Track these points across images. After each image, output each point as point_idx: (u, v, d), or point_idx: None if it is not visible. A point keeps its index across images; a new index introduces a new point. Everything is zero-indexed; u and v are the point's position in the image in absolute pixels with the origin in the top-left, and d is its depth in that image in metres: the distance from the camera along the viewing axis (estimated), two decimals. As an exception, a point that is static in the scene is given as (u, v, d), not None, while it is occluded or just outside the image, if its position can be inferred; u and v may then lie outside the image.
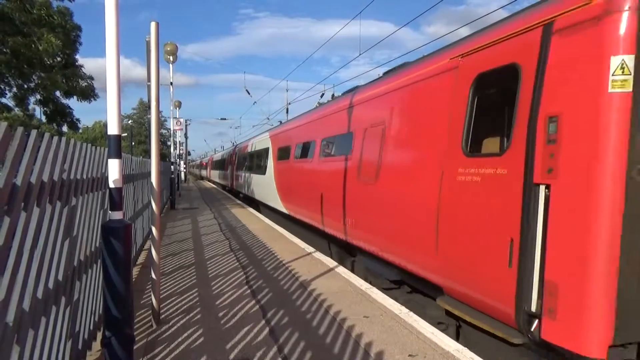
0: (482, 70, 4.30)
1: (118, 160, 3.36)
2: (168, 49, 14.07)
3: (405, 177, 5.65)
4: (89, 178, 3.70)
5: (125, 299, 3.22)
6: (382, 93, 6.68)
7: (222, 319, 4.80)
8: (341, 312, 5.03)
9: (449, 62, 4.85)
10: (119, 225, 3.24)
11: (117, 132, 3.34)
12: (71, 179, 3.15)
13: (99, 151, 4.14)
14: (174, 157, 26.10)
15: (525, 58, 3.76)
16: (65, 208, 3.02)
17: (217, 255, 8.18)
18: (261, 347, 4.07)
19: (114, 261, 3.14)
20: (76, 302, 3.29)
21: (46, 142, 2.62)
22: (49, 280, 2.66)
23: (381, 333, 4.43)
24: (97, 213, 4.09)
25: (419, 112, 5.56)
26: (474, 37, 4.76)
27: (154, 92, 4.70)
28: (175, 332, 4.43)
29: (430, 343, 4.18)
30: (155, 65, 4.70)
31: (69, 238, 3.12)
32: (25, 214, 2.28)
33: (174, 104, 19.58)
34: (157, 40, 4.65)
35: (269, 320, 4.78)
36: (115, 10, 3.24)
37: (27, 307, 2.31)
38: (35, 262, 2.43)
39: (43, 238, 2.56)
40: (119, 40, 3.25)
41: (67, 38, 19.00)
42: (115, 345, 3.14)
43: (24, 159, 2.26)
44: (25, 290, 2.29)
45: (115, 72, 3.25)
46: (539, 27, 3.68)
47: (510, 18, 4.35)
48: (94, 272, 3.95)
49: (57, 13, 18.44)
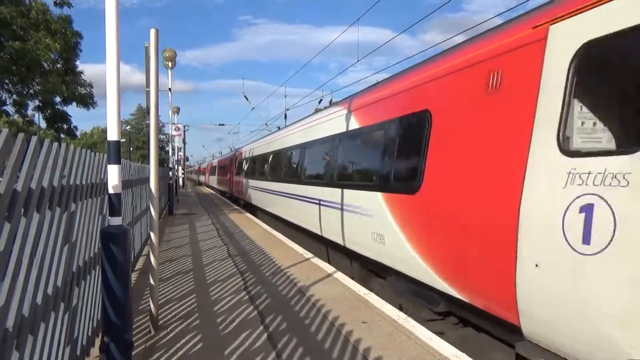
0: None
1: (117, 166, 3.37)
2: (167, 55, 14.04)
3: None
4: (88, 184, 3.71)
5: (124, 304, 3.23)
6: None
7: (220, 324, 4.80)
8: (339, 317, 5.03)
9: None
10: (118, 231, 3.25)
11: (117, 138, 3.35)
12: (70, 184, 3.16)
13: (98, 157, 4.15)
14: (172, 163, 26.10)
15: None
16: (65, 214, 3.03)
17: (215, 261, 8.17)
18: (259, 352, 4.07)
19: (112, 266, 3.14)
20: (75, 307, 3.29)
21: (46, 148, 2.63)
22: (48, 286, 2.66)
23: (379, 339, 4.43)
24: (96, 219, 4.10)
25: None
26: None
27: (152, 98, 4.72)
28: (174, 338, 4.43)
29: (428, 348, 4.19)
30: (154, 71, 4.72)
31: (68, 244, 3.12)
32: (25, 219, 2.29)
33: (173, 109, 19.59)
34: (157, 46, 4.68)
35: (268, 325, 4.77)
36: (115, 16, 3.27)
37: (27, 313, 2.31)
38: (34, 267, 2.43)
39: (42, 244, 2.57)
40: (119, 46, 3.27)
41: (66, 44, 19.07)
42: (114, 351, 3.14)
43: (25, 165, 2.27)
44: (25, 296, 2.30)
45: (115, 79, 3.27)
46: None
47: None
48: (93, 278, 3.95)
49: (58, 19, 18.53)
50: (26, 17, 17.01)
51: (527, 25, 3.79)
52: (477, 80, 4.31)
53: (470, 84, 4.44)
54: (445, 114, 4.91)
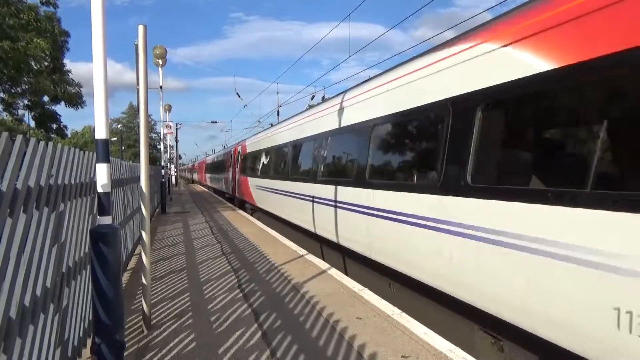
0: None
1: (106, 165, 3.33)
2: (157, 52, 13.97)
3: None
4: (77, 183, 3.66)
5: (115, 304, 3.19)
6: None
7: (214, 323, 4.77)
8: (334, 314, 5.02)
9: None
10: (108, 231, 3.21)
11: (105, 136, 3.31)
12: (59, 184, 3.11)
13: (87, 156, 4.10)
14: (165, 161, 25.96)
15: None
16: (53, 214, 2.98)
17: (208, 259, 8.13)
18: (254, 351, 4.05)
19: (103, 267, 3.10)
20: (65, 308, 3.24)
21: (32, 147, 2.58)
22: (36, 287, 2.62)
23: (374, 334, 4.42)
24: (86, 218, 4.04)
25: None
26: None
27: (142, 96, 4.67)
28: (167, 337, 4.39)
29: (423, 343, 4.19)
30: (143, 68, 4.67)
31: (57, 244, 3.08)
32: (11, 220, 2.25)
33: (164, 107, 19.46)
34: (145, 43, 4.62)
35: (262, 323, 4.75)
36: (101, 12, 3.21)
37: (14, 315, 2.27)
38: (22, 268, 2.39)
39: (30, 244, 2.52)
40: (105, 43, 3.23)
41: (54, 43, 18.88)
42: (105, 351, 3.10)
43: (9, 165, 2.23)
44: (12, 297, 2.25)
45: (103, 76, 3.22)
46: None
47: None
48: (83, 278, 3.90)
49: (45, 18, 18.34)
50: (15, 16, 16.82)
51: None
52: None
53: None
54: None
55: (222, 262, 7.91)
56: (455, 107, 4.56)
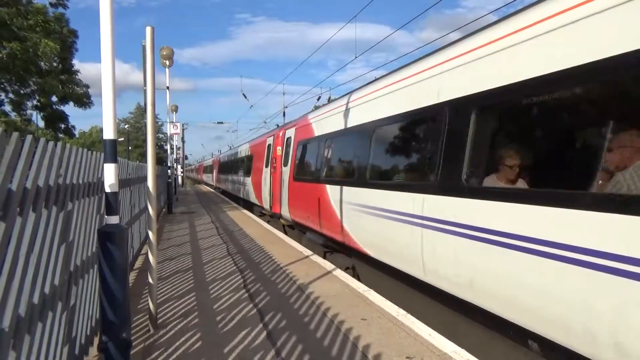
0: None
1: (114, 165, 3.36)
2: (164, 53, 14.03)
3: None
4: (85, 183, 3.69)
5: (122, 303, 3.22)
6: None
7: (219, 323, 4.79)
8: (339, 314, 5.03)
9: None
10: (115, 230, 3.24)
11: (113, 136, 3.34)
12: (67, 183, 3.14)
13: (95, 156, 4.13)
14: (171, 162, 26.07)
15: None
16: (61, 213, 3.01)
17: (214, 259, 8.16)
18: (259, 350, 4.07)
19: (110, 265, 3.13)
20: (73, 307, 3.27)
21: (41, 147, 2.61)
22: (45, 285, 2.65)
23: (379, 335, 4.43)
24: (94, 218, 4.08)
25: None
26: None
27: (149, 96, 4.71)
28: (173, 336, 4.42)
29: (427, 345, 4.18)
30: (150, 69, 4.70)
31: (65, 243, 3.11)
32: (20, 219, 2.28)
33: (171, 108, 19.55)
34: (153, 44, 4.66)
35: (267, 323, 4.77)
36: (110, 13, 3.25)
37: (24, 313, 2.30)
38: (31, 267, 2.42)
39: (39, 243, 2.55)
40: (114, 43, 3.26)
41: (63, 43, 19.04)
42: (112, 350, 3.14)
43: (19, 165, 2.26)
44: (22, 296, 2.28)
45: (111, 76, 3.25)
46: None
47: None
48: (91, 277, 3.94)
49: (53, 19, 18.51)
50: (24, 17, 16.98)
51: None
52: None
53: None
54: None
55: (228, 262, 7.94)
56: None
